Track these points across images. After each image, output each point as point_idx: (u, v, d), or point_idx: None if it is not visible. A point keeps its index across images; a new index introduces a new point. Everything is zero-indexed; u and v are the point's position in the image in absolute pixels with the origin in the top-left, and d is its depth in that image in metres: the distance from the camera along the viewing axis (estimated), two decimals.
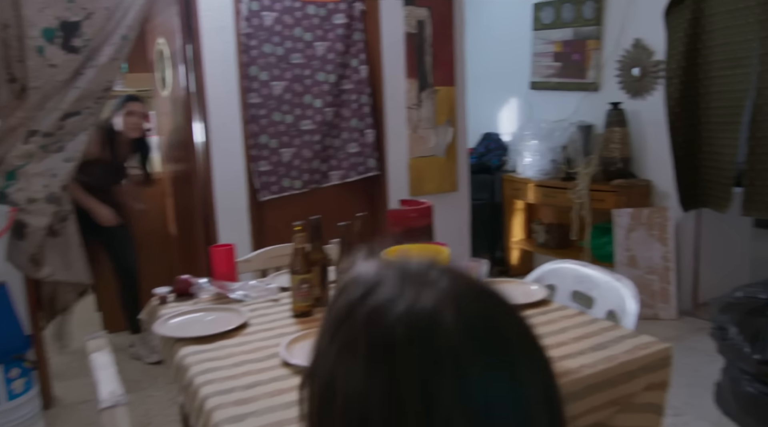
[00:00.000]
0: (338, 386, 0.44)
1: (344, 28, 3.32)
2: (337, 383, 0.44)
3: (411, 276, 0.46)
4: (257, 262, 2.05)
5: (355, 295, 0.46)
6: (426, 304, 0.43)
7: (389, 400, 0.41)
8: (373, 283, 0.46)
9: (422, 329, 0.42)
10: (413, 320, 0.43)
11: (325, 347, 0.46)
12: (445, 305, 0.43)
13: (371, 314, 0.44)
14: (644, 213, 3.67)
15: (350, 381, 0.43)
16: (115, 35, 2.70)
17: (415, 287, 0.44)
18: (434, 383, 0.41)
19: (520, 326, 0.47)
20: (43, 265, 2.74)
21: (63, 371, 3.29)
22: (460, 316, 0.43)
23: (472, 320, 0.44)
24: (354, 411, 0.43)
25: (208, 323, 1.52)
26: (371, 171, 3.44)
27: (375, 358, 0.43)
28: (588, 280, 1.88)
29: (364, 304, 0.44)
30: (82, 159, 2.85)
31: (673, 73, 3.50)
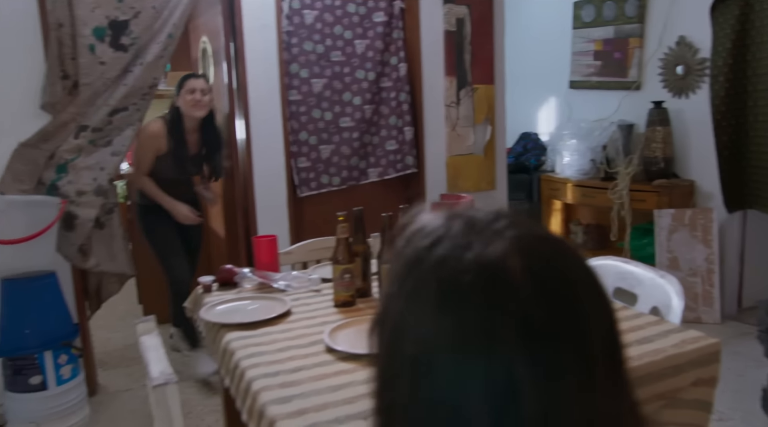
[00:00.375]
0: (407, 328, 0.46)
1: (384, 26, 3.34)
2: (406, 326, 0.46)
3: (478, 226, 0.47)
4: (298, 254, 2.07)
5: (423, 244, 0.47)
6: (494, 251, 0.44)
7: (457, 341, 0.43)
8: (441, 232, 0.47)
9: (490, 274, 0.44)
10: (482, 265, 0.44)
11: (394, 293, 0.48)
12: (513, 252, 0.44)
13: (440, 262, 0.45)
14: (687, 214, 3.59)
15: (419, 324, 0.45)
16: (161, 34, 2.77)
17: (483, 236, 0.46)
18: (501, 323, 0.43)
19: (586, 275, 0.48)
20: (90, 255, 2.83)
21: (106, 361, 3.38)
22: (527, 262, 0.44)
23: (539, 266, 0.45)
24: (422, 352, 0.44)
25: (252, 311, 1.55)
26: (409, 169, 3.44)
27: (444, 302, 0.44)
28: (631, 276, 1.85)
29: (433, 252, 0.46)
30: (154, 155, 2.89)
31: (719, 70, 3.42)
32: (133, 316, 4.13)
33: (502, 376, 0.42)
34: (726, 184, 3.52)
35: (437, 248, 0.46)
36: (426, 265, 0.46)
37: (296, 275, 1.74)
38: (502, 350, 0.42)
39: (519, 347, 0.42)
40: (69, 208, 2.70)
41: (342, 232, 1.55)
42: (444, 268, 0.45)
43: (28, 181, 2.63)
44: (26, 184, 2.63)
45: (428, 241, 0.47)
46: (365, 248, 1.65)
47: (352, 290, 1.58)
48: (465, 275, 0.44)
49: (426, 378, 0.44)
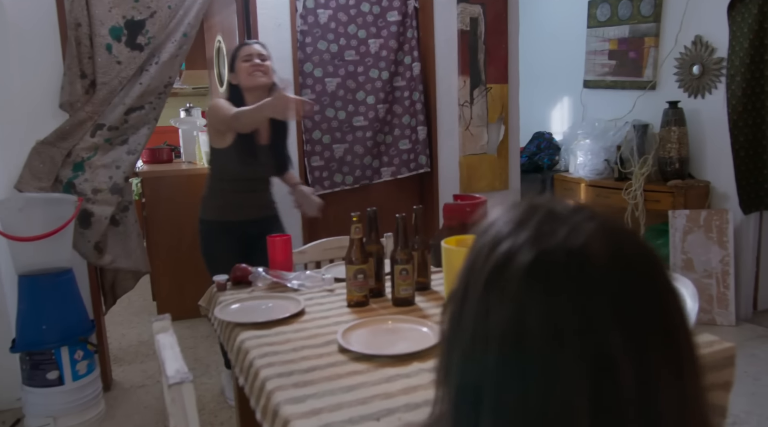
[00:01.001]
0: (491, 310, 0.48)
1: (398, 25, 3.35)
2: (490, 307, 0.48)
3: (560, 216, 0.49)
4: (312, 253, 2.09)
5: (505, 229, 0.49)
6: (579, 237, 0.47)
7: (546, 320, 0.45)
8: (523, 219, 0.49)
9: (578, 258, 0.46)
10: (569, 250, 0.46)
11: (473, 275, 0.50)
12: (597, 238, 0.47)
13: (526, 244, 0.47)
14: (702, 215, 3.56)
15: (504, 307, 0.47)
16: (176, 33, 2.79)
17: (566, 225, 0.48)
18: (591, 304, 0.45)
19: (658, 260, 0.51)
20: (105, 253, 2.86)
21: (120, 357, 3.42)
22: (610, 247, 0.47)
23: (621, 250, 0.48)
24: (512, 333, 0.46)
25: (266, 310, 1.56)
26: (422, 168, 3.45)
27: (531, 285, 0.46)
28: None
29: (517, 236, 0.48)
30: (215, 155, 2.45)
31: (737, 70, 3.39)
32: (147, 312, 4.17)
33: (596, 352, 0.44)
34: (742, 185, 3.49)
35: (520, 233, 0.48)
36: (507, 248, 0.48)
37: (310, 275, 1.75)
38: (595, 328, 0.45)
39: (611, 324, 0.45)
40: (85, 206, 2.73)
41: (356, 232, 1.56)
42: (530, 251, 0.47)
43: (45, 179, 2.67)
44: (44, 181, 2.67)
45: (510, 227, 0.49)
46: (379, 248, 1.65)
47: (366, 290, 1.59)
48: (553, 258, 0.46)
49: (517, 358, 0.46)
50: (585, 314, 0.45)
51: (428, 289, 1.72)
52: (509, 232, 0.49)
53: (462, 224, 1.90)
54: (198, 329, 3.84)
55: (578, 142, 4.28)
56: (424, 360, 1.22)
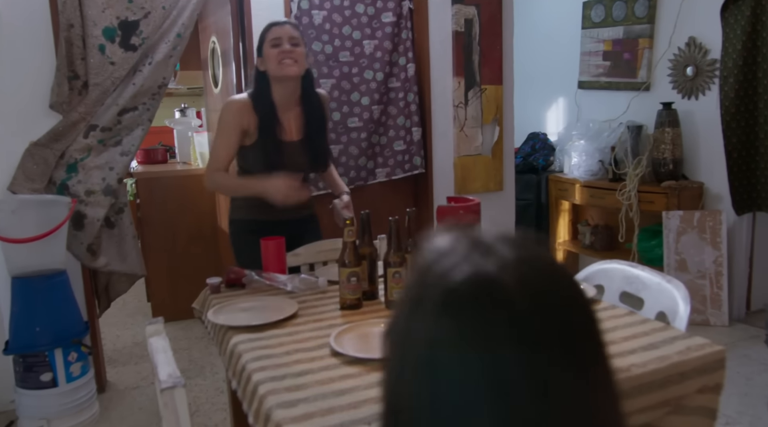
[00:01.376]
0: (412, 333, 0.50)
1: (392, 26, 3.35)
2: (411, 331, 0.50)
3: (481, 245, 0.51)
4: (305, 255, 2.09)
5: (431, 257, 0.52)
6: (490, 266, 0.49)
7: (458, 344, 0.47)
8: (447, 248, 0.52)
9: (486, 286, 0.48)
10: (477, 280, 0.48)
11: (403, 301, 0.53)
12: (508, 268, 0.49)
13: (443, 274, 0.50)
14: (695, 216, 3.57)
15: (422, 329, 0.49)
16: (170, 33, 2.79)
17: (483, 253, 0.50)
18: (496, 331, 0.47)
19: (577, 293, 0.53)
20: (99, 255, 2.86)
21: (115, 358, 3.41)
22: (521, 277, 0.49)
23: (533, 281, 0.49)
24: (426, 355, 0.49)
25: (259, 313, 1.56)
26: (417, 169, 3.45)
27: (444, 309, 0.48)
28: (637, 281, 1.85)
29: (438, 265, 0.51)
30: (237, 140, 2.12)
31: (729, 72, 3.40)
32: (142, 314, 4.17)
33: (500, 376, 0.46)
34: (735, 186, 3.50)
35: (442, 261, 0.50)
36: (431, 276, 0.51)
37: (303, 278, 1.75)
38: (498, 352, 0.46)
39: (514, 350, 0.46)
40: (78, 208, 2.72)
41: (349, 235, 1.56)
42: (445, 279, 0.49)
43: (39, 180, 2.66)
44: (37, 183, 2.66)
45: (435, 255, 0.52)
46: (372, 250, 1.66)
47: (359, 293, 1.59)
48: (463, 285, 0.48)
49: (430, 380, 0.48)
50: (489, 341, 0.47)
51: None
52: (433, 259, 0.51)
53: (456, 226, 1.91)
54: (192, 330, 3.83)
55: (573, 143, 4.29)
56: None
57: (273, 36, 2.13)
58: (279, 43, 2.11)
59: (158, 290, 4.01)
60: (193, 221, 4.02)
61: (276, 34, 2.13)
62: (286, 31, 2.14)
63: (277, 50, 2.10)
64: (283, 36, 2.12)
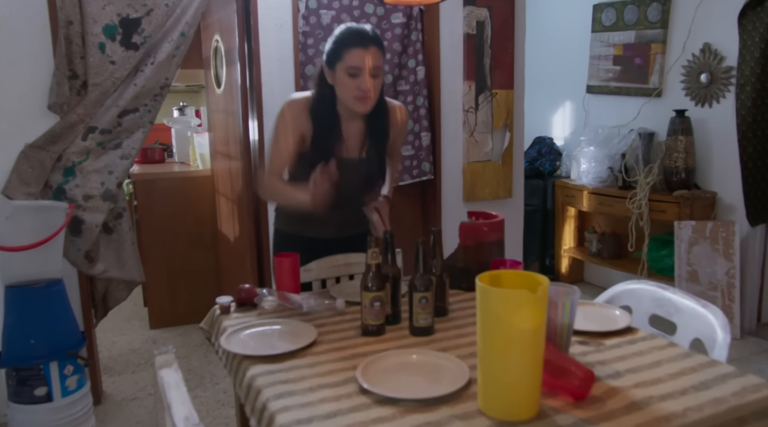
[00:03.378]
0: None
1: (402, 27, 3.24)
2: None
3: None
4: (317, 271, 1.98)
5: None
6: None
7: None
8: None
9: None
10: None
11: None
12: None
13: None
14: (708, 226, 3.50)
15: None
16: (174, 32, 2.67)
17: None
18: None
19: None
20: (97, 262, 2.74)
21: (111, 367, 3.30)
22: None
23: None
24: None
25: (276, 339, 1.46)
26: (426, 175, 3.35)
27: None
28: (669, 303, 1.76)
29: None
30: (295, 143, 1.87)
31: (747, 80, 3.33)
32: (138, 319, 4.05)
33: None
34: (749, 197, 3.43)
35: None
36: None
37: (319, 298, 1.65)
38: None
39: None
40: (76, 213, 2.61)
41: (372, 257, 1.46)
42: None
43: (34, 184, 2.54)
44: (33, 187, 2.54)
45: None
46: (395, 271, 1.56)
47: (382, 318, 1.49)
48: None
49: None
50: None
51: (446, 314, 1.63)
52: None
53: (479, 244, 1.81)
54: (191, 336, 3.73)
55: (581, 149, 4.20)
56: (453, 405, 1.13)
57: (353, 62, 1.75)
58: (358, 73, 1.76)
59: (155, 295, 3.90)
60: (192, 224, 3.91)
61: (357, 61, 1.75)
62: (371, 59, 1.76)
63: (354, 83, 1.77)
64: (365, 66, 1.75)
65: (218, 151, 3.69)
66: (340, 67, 1.78)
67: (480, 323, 1.08)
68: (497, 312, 1.03)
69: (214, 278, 3.95)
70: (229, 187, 3.46)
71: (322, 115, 1.86)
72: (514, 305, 1.01)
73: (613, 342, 1.43)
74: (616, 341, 1.44)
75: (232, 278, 3.62)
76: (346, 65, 1.77)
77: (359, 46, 1.76)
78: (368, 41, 1.77)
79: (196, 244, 3.93)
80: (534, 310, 1.02)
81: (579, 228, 4.56)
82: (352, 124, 1.92)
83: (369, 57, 1.76)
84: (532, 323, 1.02)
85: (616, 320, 1.58)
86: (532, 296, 1.00)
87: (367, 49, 1.76)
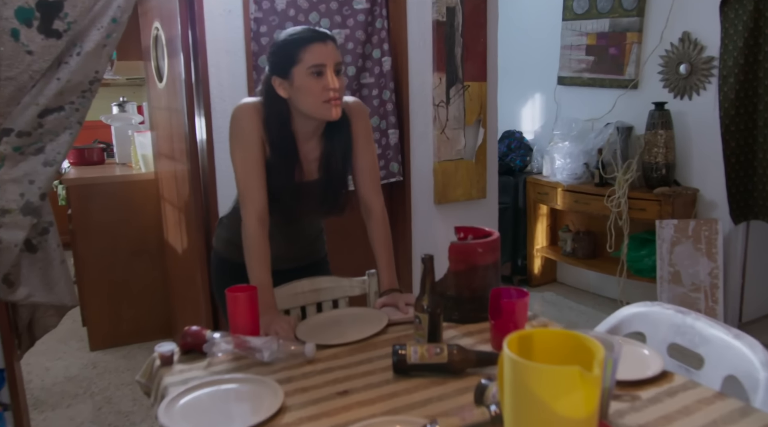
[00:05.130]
0: None
1: (365, 14, 2.93)
2: None
3: None
4: (279, 301, 1.67)
5: None
6: None
7: None
8: None
9: None
10: None
11: None
12: None
13: None
14: (691, 225, 3.33)
15: None
16: (104, 18, 2.29)
17: None
18: None
19: None
20: (18, 286, 2.35)
21: (43, 400, 2.91)
22: None
23: None
24: None
25: (232, 409, 1.15)
26: (394, 177, 3.06)
27: None
28: (692, 331, 1.53)
29: None
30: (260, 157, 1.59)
31: (730, 71, 3.15)
32: (76, 340, 3.65)
33: None
34: (732, 193, 3.27)
35: None
36: None
37: (284, 343, 1.34)
38: None
39: None
40: None
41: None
42: None
43: None
44: None
45: None
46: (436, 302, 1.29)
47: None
48: None
49: None
50: None
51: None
52: None
53: (472, 268, 1.53)
54: (136, 359, 3.36)
55: (555, 144, 3.99)
56: None
57: (316, 59, 1.49)
58: (323, 70, 1.50)
59: (96, 313, 3.50)
60: (136, 233, 3.52)
61: (320, 57, 1.49)
62: (332, 53, 1.51)
63: (321, 84, 1.49)
64: (329, 61, 1.50)
65: (162, 152, 3.31)
66: (300, 71, 1.51)
67: (509, 404, 0.80)
68: (538, 395, 0.75)
69: (162, 292, 3.57)
70: (175, 193, 3.09)
71: (275, 136, 1.58)
72: (563, 388, 0.73)
73: (649, 394, 1.18)
74: (653, 391, 1.19)
75: (181, 292, 3.26)
76: (308, 65, 1.50)
77: (317, 40, 1.52)
78: (324, 35, 1.54)
79: (140, 254, 3.55)
80: (589, 392, 0.74)
81: (552, 227, 4.36)
82: (310, 143, 1.65)
83: (330, 50, 1.52)
84: (585, 409, 0.74)
85: (645, 361, 1.32)
86: (587, 377, 0.73)
87: (326, 44, 1.52)
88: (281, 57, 1.53)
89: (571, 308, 4.00)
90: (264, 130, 1.59)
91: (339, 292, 1.78)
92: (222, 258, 1.83)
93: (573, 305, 4.04)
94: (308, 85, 1.51)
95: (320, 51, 1.50)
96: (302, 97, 1.53)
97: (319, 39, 1.51)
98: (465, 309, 1.53)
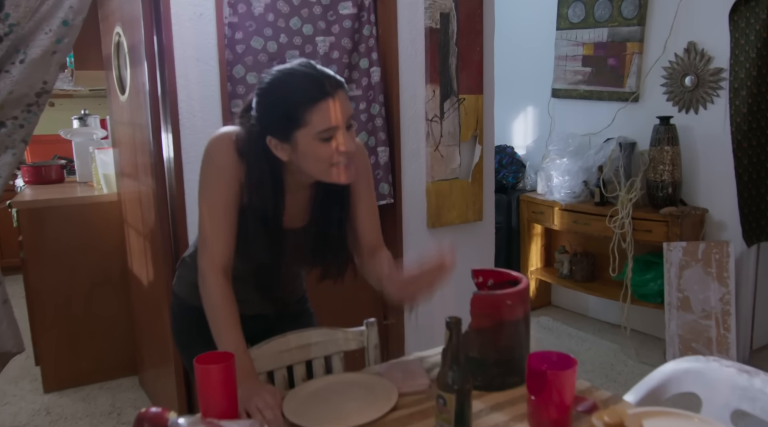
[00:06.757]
0: None
1: (352, 20, 2.66)
2: None
3: None
4: (261, 360, 1.37)
5: None
6: None
7: None
8: None
9: None
10: None
11: None
12: None
13: None
14: (700, 248, 3.11)
15: None
16: (53, 20, 1.98)
17: None
18: None
19: None
20: None
21: None
22: None
23: None
24: None
25: None
26: (384, 199, 2.78)
27: None
28: (763, 397, 1.27)
29: None
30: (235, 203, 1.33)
31: (741, 83, 2.95)
32: (29, 380, 3.28)
33: None
34: (744, 213, 3.07)
35: None
36: None
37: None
38: None
39: None
40: None
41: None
42: None
43: None
44: None
45: None
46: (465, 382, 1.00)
47: None
48: None
49: None
50: None
51: None
52: None
53: (499, 324, 1.25)
54: (97, 401, 3.01)
55: (551, 160, 3.76)
56: None
57: (325, 124, 1.21)
58: (334, 134, 1.23)
59: (51, 350, 3.14)
60: (96, 261, 3.18)
61: (330, 121, 1.21)
62: (343, 108, 1.23)
63: (331, 148, 1.23)
64: (341, 121, 1.23)
65: (125, 172, 2.99)
66: (305, 135, 1.22)
67: None
68: None
69: (125, 326, 3.23)
70: (140, 218, 2.77)
71: (260, 190, 1.30)
72: None
73: None
74: None
75: (147, 326, 2.93)
76: (316, 130, 1.22)
77: (325, 97, 1.21)
78: (333, 87, 1.22)
79: (101, 285, 3.20)
80: None
81: (547, 247, 4.12)
82: (300, 194, 1.39)
83: (340, 103, 1.22)
84: None
85: None
86: None
87: (336, 99, 1.22)
88: (280, 118, 1.23)
89: (570, 334, 3.75)
90: (246, 181, 1.31)
91: (332, 347, 1.49)
92: (186, 306, 1.52)
93: (571, 331, 3.80)
94: (315, 151, 1.24)
95: (330, 111, 1.21)
96: (307, 163, 1.27)
97: (328, 95, 1.21)
98: (490, 374, 1.25)
